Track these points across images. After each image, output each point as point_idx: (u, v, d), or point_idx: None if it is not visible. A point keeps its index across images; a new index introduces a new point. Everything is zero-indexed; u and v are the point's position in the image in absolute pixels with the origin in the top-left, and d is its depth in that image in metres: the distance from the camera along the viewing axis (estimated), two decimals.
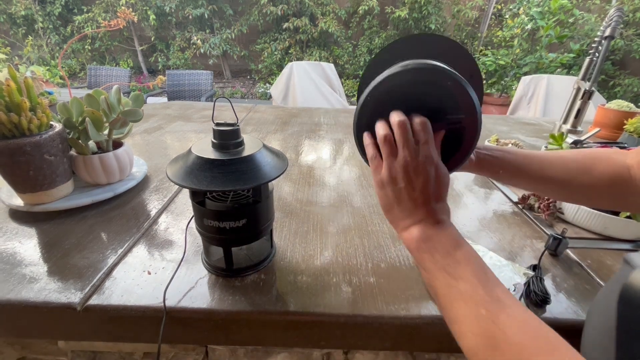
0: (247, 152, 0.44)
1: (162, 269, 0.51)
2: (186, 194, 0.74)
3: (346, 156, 1.04)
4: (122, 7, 4.72)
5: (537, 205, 0.71)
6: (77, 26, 5.61)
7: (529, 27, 3.71)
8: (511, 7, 4.17)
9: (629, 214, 0.61)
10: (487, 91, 4.23)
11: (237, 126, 0.45)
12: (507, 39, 4.31)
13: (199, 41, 5.58)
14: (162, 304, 0.44)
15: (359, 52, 5.79)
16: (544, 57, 3.65)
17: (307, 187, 0.81)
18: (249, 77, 6.37)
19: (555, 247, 0.57)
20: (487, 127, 1.46)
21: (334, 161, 0.99)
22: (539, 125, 1.55)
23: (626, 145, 0.89)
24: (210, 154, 0.43)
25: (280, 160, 0.47)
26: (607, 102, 1.26)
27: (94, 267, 0.50)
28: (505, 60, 3.97)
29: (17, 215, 0.63)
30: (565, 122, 1.05)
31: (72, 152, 0.68)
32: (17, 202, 0.63)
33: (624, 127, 1.10)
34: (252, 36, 5.93)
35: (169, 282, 0.47)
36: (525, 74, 3.38)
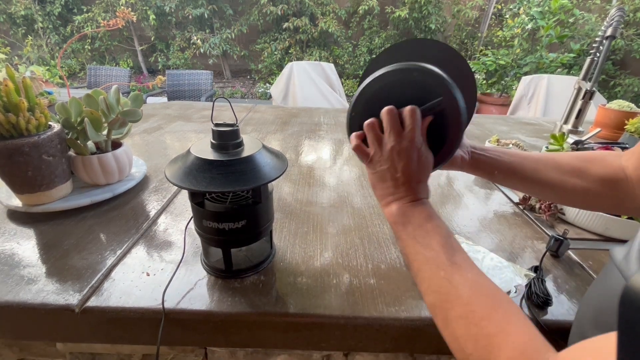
0: (246, 152, 0.44)
1: (161, 270, 0.51)
2: (185, 194, 0.74)
3: (346, 156, 1.03)
4: (122, 7, 4.72)
5: (538, 206, 0.71)
6: (77, 26, 5.61)
7: (529, 27, 3.70)
8: (511, 7, 4.16)
9: (632, 215, 0.61)
10: (487, 91, 4.23)
11: (237, 127, 0.44)
12: (508, 39, 4.30)
13: (199, 41, 5.58)
14: (161, 306, 0.44)
15: (359, 52, 5.79)
16: (544, 57, 3.64)
17: (307, 187, 0.80)
18: (249, 77, 6.37)
19: (556, 248, 0.57)
20: (487, 127, 1.45)
21: (334, 161, 0.99)
22: (539, 125, 1.54)
23: (627, 145, 0.88)
24: (209, 154, 0.43)
25: (280, 160, 0.47)
26: (607, 102, 1.26)
27: (93, 268, 0.50)
28: (505, 60, 3.96)
29: (15, 216, 0.63)
30: (566, 122, 1.05)
31: (71, 152, 0.68)
32: (16, 202, 0.62)
33: (625, 127, 1.10)
34: (252, 36, 5.92)
35: (168, 284, 0.47)
36: (525, 74, 3.38)
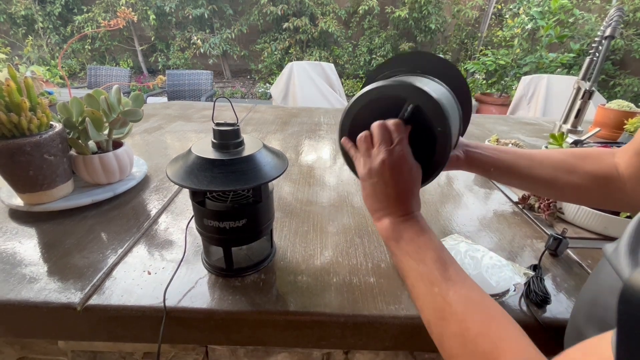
0: (247, 152, 0.44)
1: (162, 269, 0.51)
2: (186, 193, 0.74)
3: None
4: (122, 7, 4.72)
5: (537, 205, 0.71)
6: (77, 26, 5.60)
7: (529, 27, 3.70)
8: (511, 6, 4.16)
9: (629, 213, 0.61)
10: (487, 91, 4.23)
11: (237, 126, 0.45)
12: (507, 39, 4.30)
13: (199, 41, 5.58)
14: (162, 304, 0.44)
15: (359, 52, 5.79)
16: (544, 57, 3.64)
17: (307, 187, 0.81)
18: (249, 77, 6.37)
19: (555, 247, 0.57)
20: (487, 127, 1.46)
21: (334, 161, 0.99)
22: (539, 125, 1.55)
23: None
24: (210, 154, 0.43)
25: (280, 160, 0.47)
26: (607, 102, 1.26)
27: (94, 267, 0.50)
28: (505, 60, 3.96)
29: (17, 215, 0.63)
30: (565, 122, 1.05)
31: (72, 152, 0.68)
32: (17, 202, 0.63)
33: (624, 127, 1.10)
34: (252, 36, 5.92)
35: (169, 282, 0.47)
36: (525, 73, 3.38)
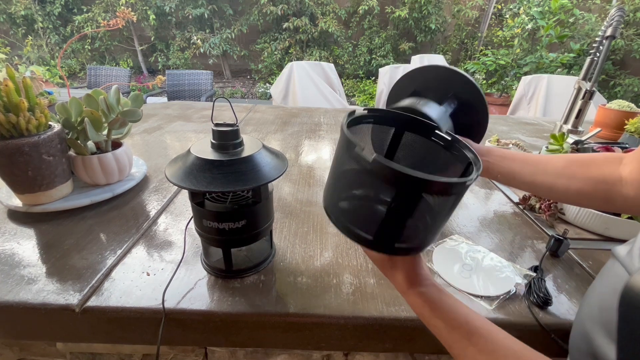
0: (246, 152, 0.44)
1: (161, 270, 0.51)
2: (186, 194, 0.74)
3: None
4: (122, 7, 4.72)
5: (538, 205, 0.71)
6: (77, 26, 5.60)
7: (529, 26, 3.70)
8: (511, 6, 4.16)
9: (630, 215, 0.61)
10: (487, 91, 4.23)
11: (237, 127, 0.44)
12: (508, 39, 4.30)
13: (199, 41, 5.57)
14: (161, 306, 0.44)
15: (359, 52, 5.78)
16: (544, 57, 3.64)
17: (307, 187, 0.80)
18: (249, 77, 6.36)
19: (556, 248, 0.57)
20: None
21: None
22: (539, 125, 1.54)
23: (627, 145, 0.88)
24: (209, 154, 0.43)
25: (280, 160, 0.47)
26: (607, 102, 1.26)
27: (93, 268, 0.50)
28: (505, 60, 3.96)
29: (15, 215, 0.63)
30: (566, 122, 1.05)
31: (71, 152, 0.68)
32: (16, 202, 0.62)
33: (625, 127, 1.10)
34: (252, 36, 5.92)
35: (168, 284, 0.47)
36: (525, 73, 3.37)
